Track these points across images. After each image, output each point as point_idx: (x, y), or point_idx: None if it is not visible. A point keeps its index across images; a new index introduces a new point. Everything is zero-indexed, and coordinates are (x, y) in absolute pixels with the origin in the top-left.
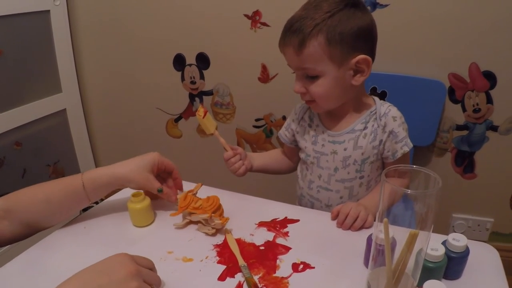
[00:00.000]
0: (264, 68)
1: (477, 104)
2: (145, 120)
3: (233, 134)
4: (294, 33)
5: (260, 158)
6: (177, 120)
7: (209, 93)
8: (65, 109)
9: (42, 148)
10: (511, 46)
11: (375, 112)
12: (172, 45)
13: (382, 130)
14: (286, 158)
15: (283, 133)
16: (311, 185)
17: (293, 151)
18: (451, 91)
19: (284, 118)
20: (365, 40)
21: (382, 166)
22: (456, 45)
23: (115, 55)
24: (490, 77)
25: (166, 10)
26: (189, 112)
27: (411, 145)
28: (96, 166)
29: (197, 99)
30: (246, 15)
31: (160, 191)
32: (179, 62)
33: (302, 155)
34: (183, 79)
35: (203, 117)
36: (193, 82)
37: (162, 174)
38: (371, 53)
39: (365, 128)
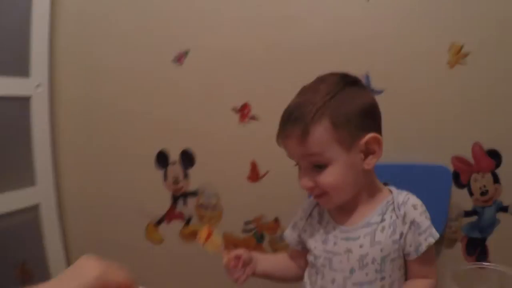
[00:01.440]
0: (253, 165)
1: (484, 186)
2: (124, 222)
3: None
4: (295, 122)
5: (265, 262)
6: (158, 223)
7: (194, 193)
8: (38, 204)
9: (9, 246)
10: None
11: (392, 202)
12: (154, 142)
13: (402, 221)
14: (294, 263)
15: (289, 233)
16: None
17: (300, 255)
18: (456, 176)
19: (276, 220)
20: (372, 118)
21: (405, 265)
22: (456, 126)
23: (95, 150)
24: (495, 156)
25: (149, 105)
26: (171, 215)
27: (437, 235)
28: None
29: (180, 200)
30: (234, 109)
31: None
32: (161, 159)
33: (310, 258)
34: (165, 178)
35: (205, 242)
36: (176, 182)
37: None
38: (379, 131)
39: (382, 220)
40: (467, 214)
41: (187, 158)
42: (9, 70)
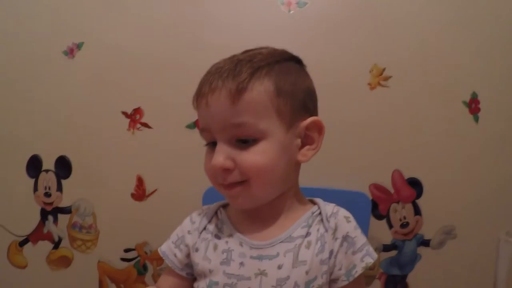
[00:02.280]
0: (139, 181)
1: (404, 218)
2: None
3: (94, 268)
4: (229, 75)
5: None
6: (22, 243)
7: (67, 210)
8: None
9: None
10: (434, 148)
11: (319, 213)
12: (27, 144)
13: (333, 236)
14: None
15: (170, 252)
16: None
17: (183, 284)
18: (374, 205)
19: None
20: (314, 103)
21: None
22: (376, 151)
23: None
24: (416, 185)
25: (27, 99)
26: (39, 235)
27: (375, 255)
28: None
29: (50, 217)
30: (124, 113)
31: None
32: (34, 166)
33: (201, 286)
34: (36, 189)
35: None
36: (47, 194)
37: None
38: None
39: (307, 234)
40: (386, 248)
41: (63, 166)
42: None
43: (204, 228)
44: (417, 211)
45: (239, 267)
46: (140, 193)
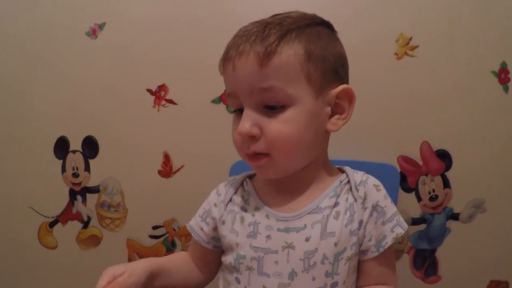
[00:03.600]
0: (166, 157)
1: (433, 191)
2: (14, 222)
3: (123, 246)
4: (257, 37)
5: (162, 277)
6: (52, 224)
7: (95, 190)
8: None
9: None
10: (463, 120)
11: (348, 181)
12: (54, 126)
13: (362, 206)
14: (196, 267)
15: (197, 225)
16: None
17: (210, 256)
18: (403, 178)
19: None
20: (345, 71)
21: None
22: (404, 123)
23: None
24: (445, 157)
25: (53, 84)
26: (68, 215)
27: (406, 225)
28: None
29: (79, 197)
30: (149, 90)
31: None
32: (61, 147)
33: (228, 260)
34: (64, 170)
35: None
36: (75, 175)
37: None
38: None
39: (336, 204)
40: (415, 221)
41: (90, 147)
42: None
43: (230, 200)
44: (446, 184)
45: (265, 240)
46: (167, 170)
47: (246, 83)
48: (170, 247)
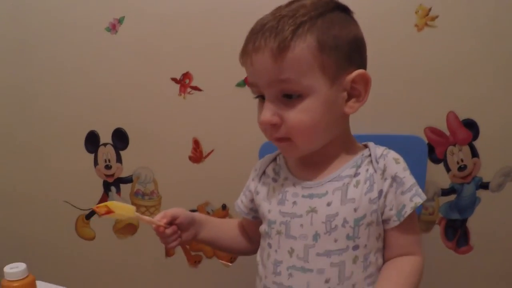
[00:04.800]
0: (196, 143)
1: (462, 160)
2: (51, 216)
3: None
4: (272, 33)
5: (211, 228)
6: (88, 216)
7: (128, 180)
8: None
9: None
10: (488, 88)
11: (369, 155)
12: (84, 121)
13: (381, 176)
14: (243, 234)
15: (239, 199)
16: (278, 267)
17: (251, 226)
18: (430, 149)
19: (224, 207)
20: (361, 54)
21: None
22: (429, 94)
23: (22, 134)
24: (472, 126)
25: (75, 81)
26: None
27: (424, 196)
28: None
29: (113, 188)
30: (173, 79)
31: None
32: (91, 141)
33: (263, 228)
34: (96, 163)
35: (106, 214)
36: (108, 167)
37: None
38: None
39: (356, 174)
40: (445, 192)
41: (120, 139)
42: None
43: (264, 173)
44: (474, 153)
45: (292, 206)
46: (197, 155)
47: (264, 76)
48: None
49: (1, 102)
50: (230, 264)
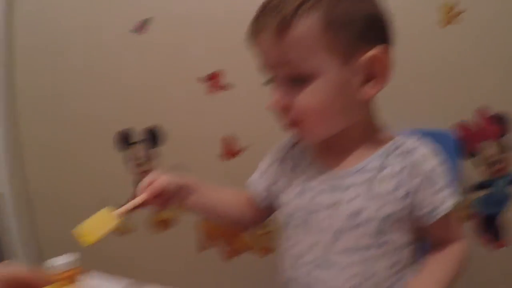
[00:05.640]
0: (227, 141)
1: (492, 156)
2: (89, 211)
3: (193, 227)
4: (273, 11)
5: (200, 195)
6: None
7: None
8: None
9: None
10: None
11: (399, 146)
12: (114, 121)
13: (411, 173)
14: (248, 208)
15: (255, 180)
16: (298, 262)
17: (258, 210)
18: (461, 144)
19: None
20: (379, 32)
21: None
22: (457, 91)
23: (56, 136)
24: (501, 121)
25: (105, 84)
26: None
27: (457, 195)
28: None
29: None
30: (202, 78)
31: None
32: (123, 140)
33: (282, 218)
34: (128, 161)
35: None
36: (140, 165)
37: None
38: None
39: (383, 167)
40: (476, 187)
41: (151, 138)
42: None
43: (283, 159)
44: (505, 148)
45: (312, 198)
46: (230, 152)
47: (269, 57)
48: None
49: (36, 105)
50: None
